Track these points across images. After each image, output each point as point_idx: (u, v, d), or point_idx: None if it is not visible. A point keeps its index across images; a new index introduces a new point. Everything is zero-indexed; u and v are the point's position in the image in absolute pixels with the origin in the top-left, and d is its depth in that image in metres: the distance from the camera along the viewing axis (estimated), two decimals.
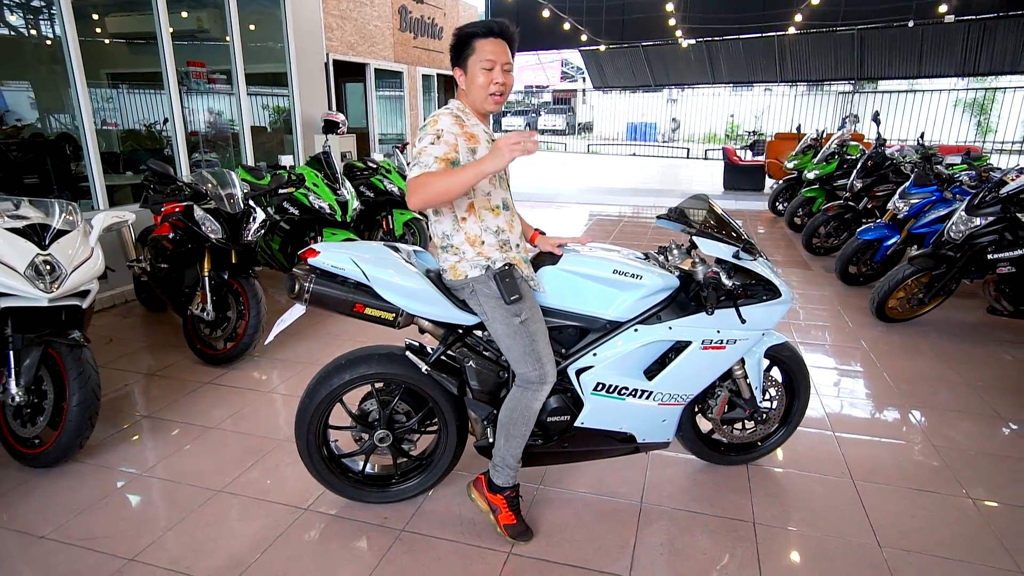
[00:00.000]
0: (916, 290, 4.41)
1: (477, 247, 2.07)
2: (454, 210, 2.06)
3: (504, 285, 2.02)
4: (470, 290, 2.09)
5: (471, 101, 2.06)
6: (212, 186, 3.74)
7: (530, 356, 2.06)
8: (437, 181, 1.85)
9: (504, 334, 2.06)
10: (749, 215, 9.33)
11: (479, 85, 2.00)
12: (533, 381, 2.08)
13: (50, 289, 2.52)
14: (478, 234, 2.07)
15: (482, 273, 2.06)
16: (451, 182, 1.85)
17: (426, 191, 1.86)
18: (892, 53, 16.11)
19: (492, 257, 2.07)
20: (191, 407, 3.23)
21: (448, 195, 1.88)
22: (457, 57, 2.04)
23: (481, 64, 1.99)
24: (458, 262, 2.08)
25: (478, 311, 2.11)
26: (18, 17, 6.41)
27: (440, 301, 2.10)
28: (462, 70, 2.03)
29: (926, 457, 2.83)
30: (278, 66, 6.99)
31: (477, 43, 2.00)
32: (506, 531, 2.22)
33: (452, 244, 2.09)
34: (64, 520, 2.32)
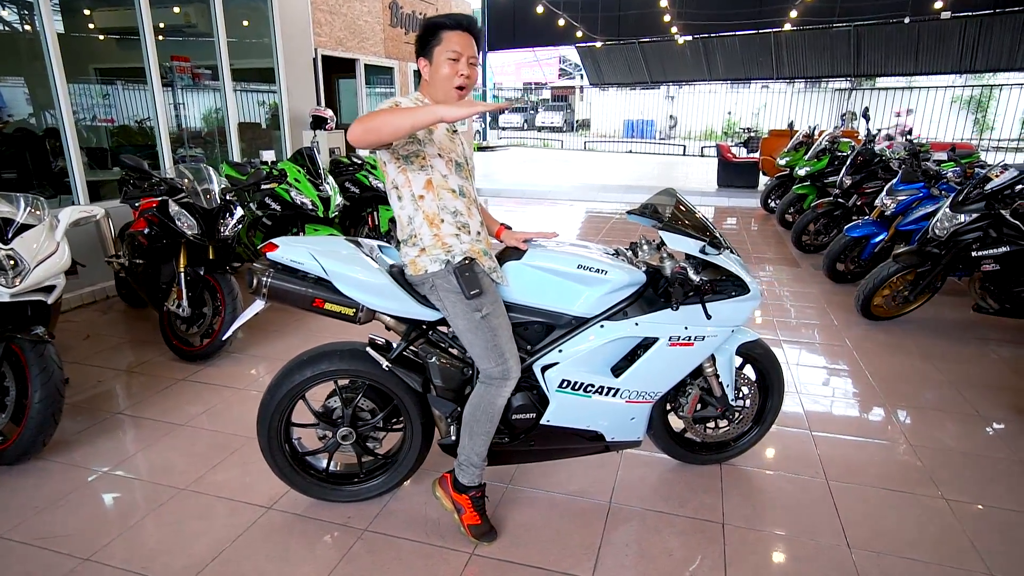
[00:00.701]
0: (902, 288, 4.37)
1: (435, 228, 2.02)
2: (411, 186, 2.01)
3: (464, 279, 1.98)
4: (430, 285, 2.05)
5: (433, 92, 2.03)
6: (188, 181, 3.70)
7: (492, 352, 2.02)
8: (385, 115, 1.76)
9: (466, 329, 2.03)
10: (741, 212, 9.30)
11: (444, 75, 1.97)
12: (496, 377, 2.04)
13: (12, 284, 2.49)
14: (436, 212, 2.02)
15: (442, 268, 2.02)
16: (401, 117, 1.74)
17: (371, 121, 1.76)
18: (889, 50, 16.06)
19: (450, 244, 2.02)
20: (163, 404, 3.19)
21: (395, 129, 1.76)
22: (423, 47, 2.01)
23: (447, 55, 1.96)
24: (418, 256, 2.04)
25: (439, 306, 2.08)
26: (11, 13, 6.38)
27: (400, 296, 2.06)
28: (427, 60, 2.00)
29: (903, 457, 2.79)
30: (265, 61, 6.94)
31: (444, 34, 1.97)
32: (470, 531, 2.18)
33: (414, 231, 2.04)
34: (23, 519, 2.29)
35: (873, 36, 15.96)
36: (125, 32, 5.61)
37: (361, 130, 1.78)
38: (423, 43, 2.00)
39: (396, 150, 1.98)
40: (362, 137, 1.80)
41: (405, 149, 1.99)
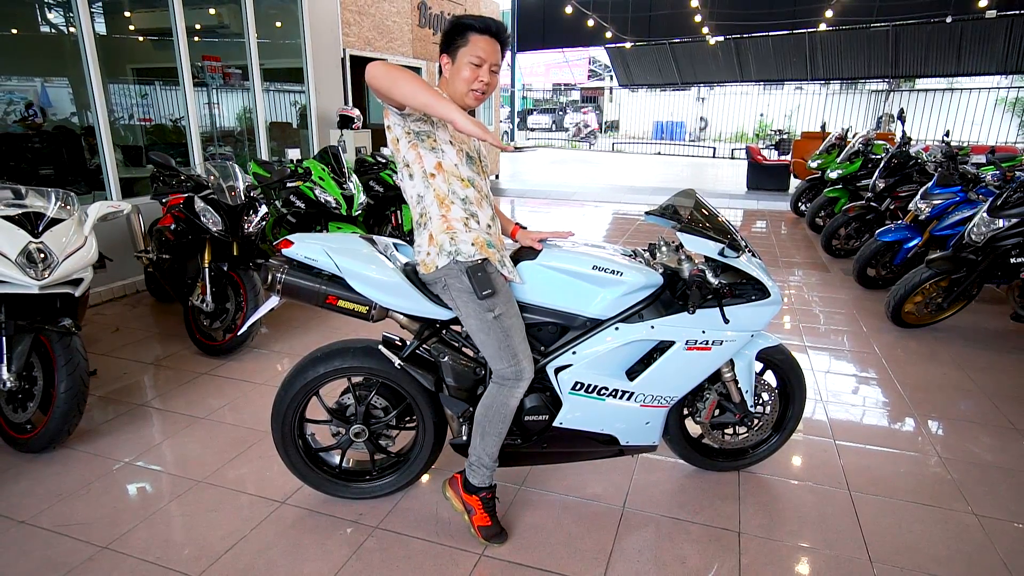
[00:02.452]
0: (935, 294, 4.23)
1: (444, 208, 1.98)
2: (422, 163, 1.98)
3: (476, 279, 1.96)
4: (442, 284, 2.04)
5: (450, 91, 2.01)
6: (215, 178, 3.76)
7: (505, 352, 2.01)
8: (411, 78, 1.76)
9: (478, 329, 2.01)
10: (771, 215, 9.12)
11: (464, 78, 1.95)
12: (509, 377, 2.03)
13: (41, 276, 2.55)
14: (446, 194, 1.99)
15: (450, 261, 1.98)
16: (422, 91, 1.75)
17: (395, 72, 1.76)
18: (929, 50, 15.58)
19: (456, 230, 1.98)
20: (186, 396, 3.25)
21: (409, 96, 1.76)
22: (448, 44, 1.99)
23: (470, 58, 1.94)
24: (427, 253, 2.03)
25: (452, 306, 2.07)
26: (57, 15, 6.61)
27: (413, 295, 2.06)
28: (450, 59, 1.99)
29: (933, 470, 2.69)
30: (295, 61, 7.04)
31: (472, 36, 1.94)
32: (480, 533, 2.17)
33: (424, 209, 2.02)
34: (46, 505, 2.35)
35: (912, 36, 15.50)
36: (162, 33, 5.75)
37: (383, 72, 1.77)
38: (448, 41, 1.98)
39: (408, 123, 1.95)
40: (378, 79, 1.78)
41: (417, 125, 1.96)
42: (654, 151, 21.51)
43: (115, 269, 4.54)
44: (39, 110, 6.03)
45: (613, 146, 22.99)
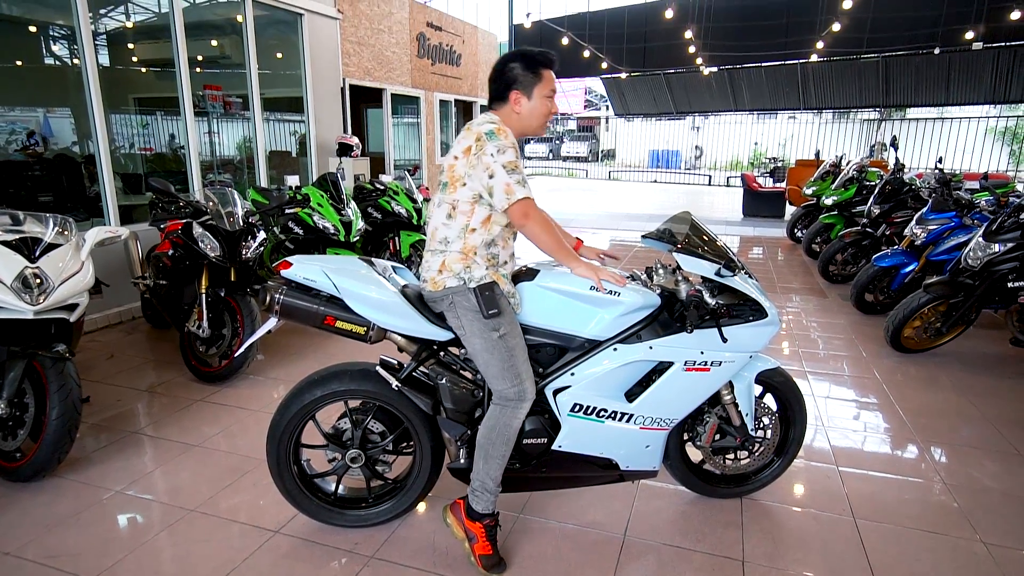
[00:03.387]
0: (933, 319, 4.22)
1: (468, 260, 2.03)
2: (469, 218, 2.03)
3: (484, 299, 1.98)
4: (448, 302, 2.05)
5: (521, 123, 2.11)
6: (213, 204, 3.77)
7: (508, 372, 2.00)
8: (553, 237, 2.05)
9: (482, 349, 2.01)
10: (767, 242, 9.16)
11: (541, 112, 2.11)
12: (512, 399, 2.01)
13: (36, 301, 2.53)
14: (475, 247, 2.04)
15: (461, 284, 2.02)
16: (555, 246, 2.07)
17: (543, 231, 2.03)
18: (919, 80, 15.85)
19: (471, 269, 2.03)
20: (179, 424, 3.21)
21: (543, 247, 2.06)
22: (518, 82, 2.08)
23: (547, 92, 2.09)
24: (438, 273, 2.05)
25: (455, 325, 2.06)
26: (61, 48, 6.72)
27: (412, 315, 2.05)
28: (525, 96, 2.09)
29: (937, 496, 2.65)
30: (295, 91, 7.14)
31: (544, 73, 2.09)
32: (480, 562, 2.12)
33: (446, 249, 2.06)
34: (34, 536, 2.29)
35: (902, 66, 15.79)
36: (164, 64, 5.84)
37: (530, 234, 2.04)
38: (518, 79, 2.07)
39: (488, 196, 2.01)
40: (527, 235, 2.05)
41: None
42: (650, 179, 21.71)
43: (112, 296, 4.52)
44: (41, 139, 6.09)
45: (609, 174, 23.21)
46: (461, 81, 11.23)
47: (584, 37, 15.08)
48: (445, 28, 10.40)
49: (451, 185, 2.03)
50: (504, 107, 2.10)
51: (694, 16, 13.44)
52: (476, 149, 1.96)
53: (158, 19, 6.46)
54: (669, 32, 14.35)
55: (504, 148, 1.95)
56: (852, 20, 12.47)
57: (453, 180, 2.02)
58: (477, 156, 1.96)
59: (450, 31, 10.59)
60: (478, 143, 1.97)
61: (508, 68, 2.07)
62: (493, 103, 2.14)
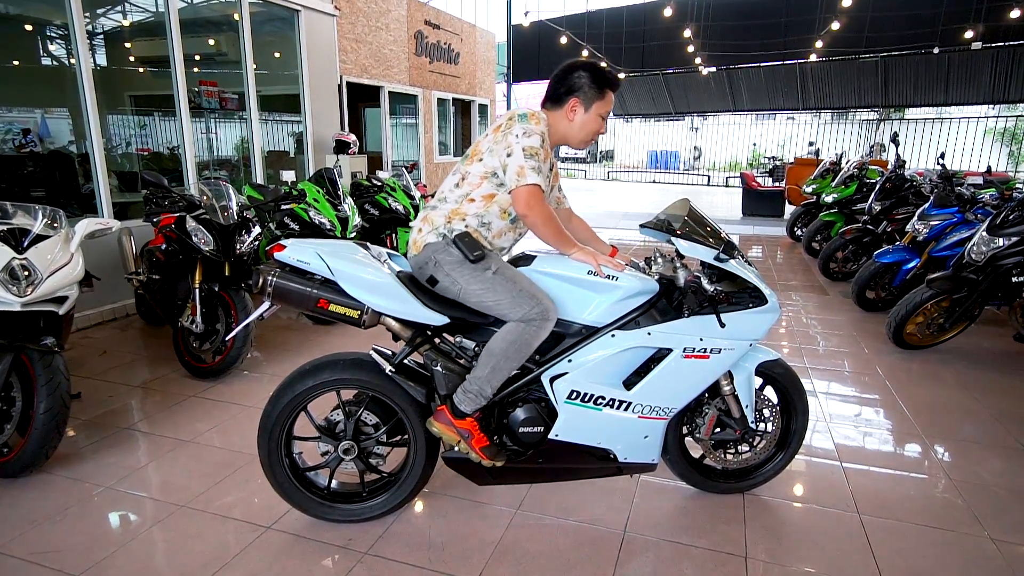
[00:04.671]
0: (936, 315, 4.18)
1: (452, 219, 2.07)
2: (477, 188, 2.06)
3: (464, 244, 1.98)
4: (433, 263, 2.04)
5: (567, 130, 2.15)
6: (207, 198, 3.72)
7: (521, 297, 1.97)
8: (553, 227, 2.05)
9: (484, 291, 1.99)
10: (767, 240, 9.12)
11: (591, 129, 2.17)
12: (535, 318, 1.98)
13: (24, 293, 2.49)
14: (466, 213, 2.07)
15: (439, 240, 2.03)
16: (555, 235, 2.07)
17: (544, 223, 2.02)
18: (917, 80, 15.85)
19: (451, 223, 2.07)
20: (172, 420, 3.15)
21: (543, 237, 2.08)
22: (581, 91, 2.11)
23: (603, 112, 2.15)
24: (418, 233, 2.09)
25: (448, 285, 2.04)
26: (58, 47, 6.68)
27: (407, 298, 2.03)
28: (583, 107, 2.13)
29: (943, 492, 2.60)
30: (291, 88, 7.10)
31: (608, 94, 2.14)
32: (483, 454, 2.08)
33: (437, 206, 2.12)
34: (20, 532, 2.24)
35: (901, 67, 15.79)
36: (160, 62, 5.79)
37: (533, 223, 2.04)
38: (585, 91, 2.10)
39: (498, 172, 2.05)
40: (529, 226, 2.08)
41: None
42: (649, 179, 21.69)
43: (105, 292, 4.47)
44: (38, 139, 6.05)
45: (608, 175, 23.18)
46: (459, 80, 11.19)
47: (582, 37, 15.08)
48: (443, 26, 10.37)
49: (470, 157, 2.09)
50: (557, 110, 2.14)
51: (693, 15, 13.45)
52: (505, 127, 2.01)
53: (154, 17, 6.42)
54: (668, 31, 14.36)
55: (531, 132, 1.99)
56: (851, 19, 12.48)
57: (474, 153, 2.08)
58: (504, 134, 2.00)
59: (448, 29, 10.56)
60: (509, 122, 2.02)
61: (576, 75, 2.11)
62: (547, 103, 2.17)
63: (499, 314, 2.02)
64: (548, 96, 2.17)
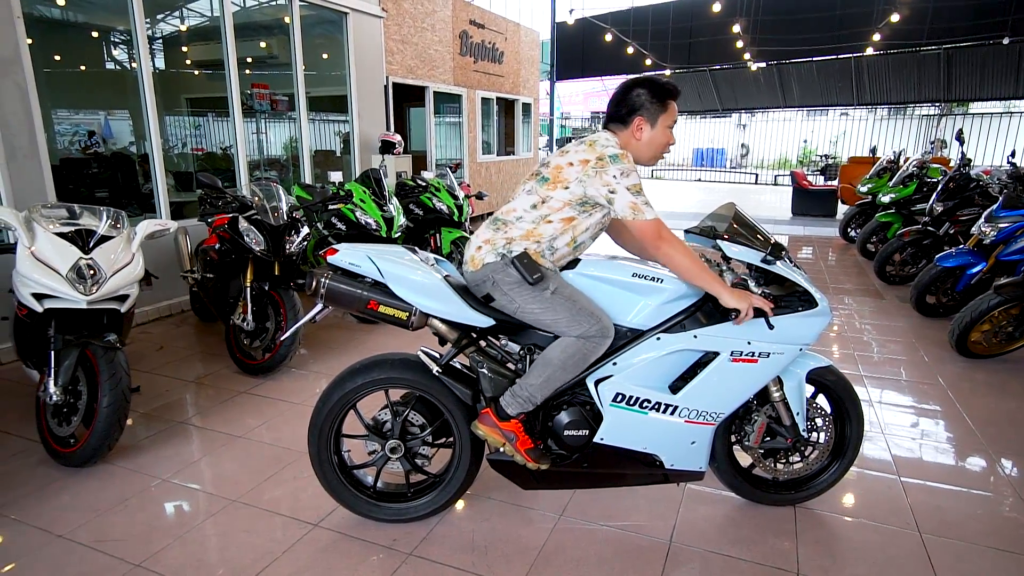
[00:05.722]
0: (1004, 323, 3.96)
1: (517, 241, 2.06)
2: (553, 213, 2.06)
3: (524, 266, 1.98)
4: (491, 282, 2.04)
5: (638, 149, 2.13)
6: (259, 199, 3.82)
7: (581, 315, 1.98)
8: (692, 259, 1.99)
9: (543, 312, 2.00)
10: (818, 241, 8.83)
11: (660, 143, 2.14)
12: (594, 335, 1.99)
13: (89, 292, 2.60)
14: (542, 234, 2.06)
15: (498, 260, 2.03)
16: (692, 269, 1.99)
17: (681, 253, 1.99)
18: (984, 72, 15.03)
19: (511, 245, 2.06)
20: (224, 415, 3.25)
21: (679, 271, 2.03)
22: (643, 108, 2.10)
23: (668, 123, 2.12)
24: (477, 251, 2.08)
25: (504, 303, 2.05)
26: (121, 52, 7.00)
27: (454, 300, 2.05)
28: (649, 124, 2.10)
29: (1012, 512, 2.46)
30: (339, 89, 7.22)
31: (671, 104, 2.11)
32: (528, 456, 2.08)
33: (508, 222, 2.09)
34: (84, 521, 2.34)
35: (967, 58, 15.00)
36: (214, 65, 6.00)
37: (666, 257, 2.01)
38: (648, 107, 2.09)
39: (588, 200, 2.05)
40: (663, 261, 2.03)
41: (593, 205, 2.07)
42: (694, 178, 21.27)
43: (161, 289, 4.64)
44: (101, 140, 6.34)
45: (652, 173, 22.84)
46: (503, 79, 11.20)
47: (628, 33, 14.88)
48: (488, 26, 10.39)
49: (552, 182, 2.06)
50: (624, 131, 2.12)
51: (742, 9, 13.09)
52: (596, 166, 1.99)
53: (209, 22, 6.64)
54: (716, 26, 14.02)
55: (628, 172, 1.99)
56: (912, 10, 11.92)
57: (557, 180, 2.05)
58: (596, 172, 1.99)
59: (492, 29, 10.58)
60: (599, 162, 2.00)
61: (635, 93, 2.09)
62: (611, 123, 2.15)
63: (557, 331, 2.03)
64: (611, 117, 2.15)
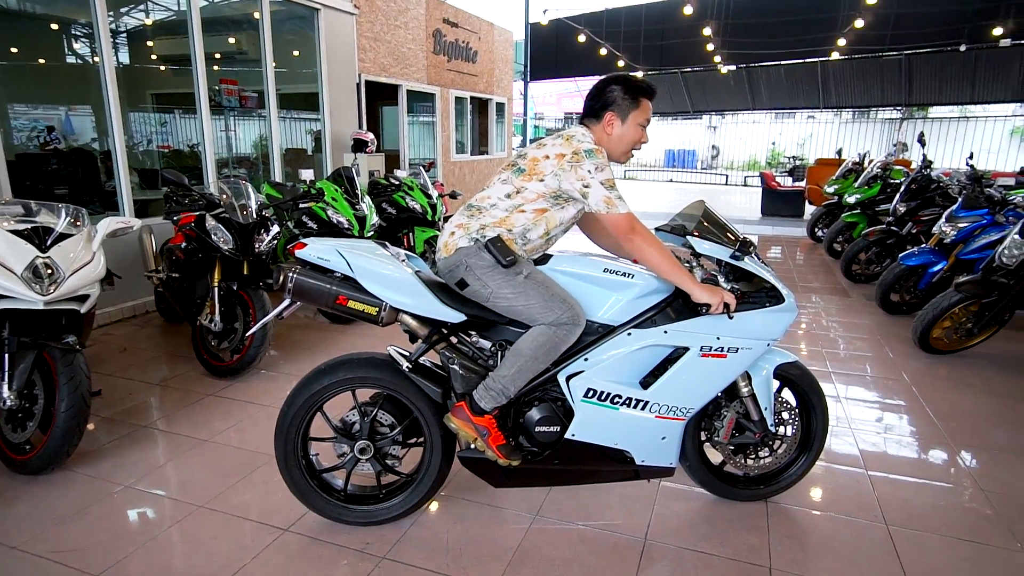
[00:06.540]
0: (964, 319, 4.07)
1: (490, 226, 2.06)
2: (529, 202, 2.06)
3: (497, 249, 1.98)
4: (464, 267, 2.03)
5: (606, 143, 2.14)
6: (227, 197, 3.73)
7: (553, 301, 1.99)
8: (664, 253, 2.01)
9: (515, 296, 1.99)
10: (787, 241, 9.00)
11: (631, 139, 2.14)
12: (567, 322, 1.99)
13: (47, 292, 2.50)
14: (514, 223, 2.06)
15: (471, 244, 2.03)
16: (664, 263, 2.00)
17: (651, 245, 2.00)
18: (943, 78, 15.53)
19: (485, 230, 2.05)
20: (190, 419, 3.16)
21: (650, 265, 2.03)
22: (615, 104, 2.10)
23: (641, 121, 2.12)
24: (450, 236, 2.07)
25: (478, 288, 2.03)
26: (83, 46, 6.76)
27: (425, 295, 2.02)
28: (620, 119, 2.11)
29: (974, 503, 2.53)
30: (311, 87, 7.11)
31: (643, 101, 2.11)
32: (500, 452, 2.07)
33: (481, 209, 2.09)
34: (41, 530, 2.25)
35: (926, 64, 15.48)
36: (181, 61, 5.84)
37: (637, 250, 2.01)
38: (620, 103, 2.10)
39: (563, 194, 2.06)
40: (635, 254, 2.03)
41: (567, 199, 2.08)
42: (666, 178, 21.54)
43: (125, 289, 4.51)
44: (61, 136, 6.12)
45: (625, 173, 23.05)
46: (477, 78, 11.17)
47: (601, 35, 14.98)
48: (461, 25, 10.35)
49: (528, 174, 2.06)
50: (596, 125, 2.13)
51: (712, 13, 13.28)
52: (572, 160, 2.01)
53: (176, 16, 6.48)
54: (687, 29, 14.20)
55: (602, 167, 2.02)
56: (875, 16, 12.24)
57: (532, 171, 2.06)
58: (571, 166, 2.00)
59: (466, 28, 10.54)
60: (575, 156, 2.01)
61: (609, 89, 2.11)
62: (586, 119, 2.17)
63: (529, 319, 2.02)
64: (586, 112, 2.17)
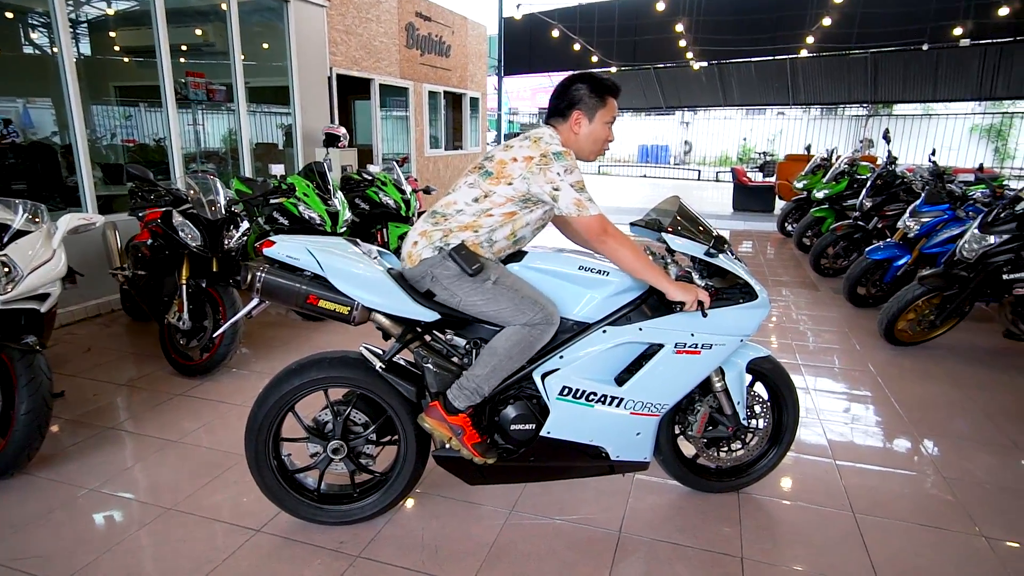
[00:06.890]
0: (927, 312, 4.19)
1: (455, 232, 2.02)
2: (498, 206, 2.02)
3: (461, 257, 1.95)
4: (430, 278, 2.00)
5: (578, 144, 2.12)
6: (194, 192, 3.65)
7: (524, 303, 1.97)
8: (636, 253, 2.01)
9: (485, 302, 1.97)
10: (758, 236, 9.14)
11: (599, 138, 2.13)
12: (540, 323, 1.98)
13: (3, 291, 2.42)
14: (481, 226, 2.02)
15: (435, 254, 1.99)
16: (637, 263, 2.00)
17: (624, 246, 1.99)
18: (907, 77, 15.92)
19: (449, 238, 2.02)
20: (159, 419, 3.09)
21: (624, 266, 2.03)
22: (582, 103, 2.08)
23: (608, 119, 2.12)
24: (413, 246, 2.04)
25: (446, 298, 2.01)
26: (41, 36, 6.51)
27: (398, 294, 1.99)
28: (587, 118, 2.10)
29: (936, 490, 2.61)
30: (281, 80, 6.99)
31: (609, 100, 2.10)
32: (475, 451, 2.06)
33: (447, 216, 2.05)
34: (0, 537, 2.18)
35: (890, 62, 15.84)
36: (145, 52, 5.68)
37: (611, 252, 2.01)
38: (586, 102, 2.08)
39: (532, 197, 2.03)
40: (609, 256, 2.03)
41: (535, 202, 2.04)
42: (639, 174, 21.70)
43: (89, 287, 4.38)
44: (20, 130, 5.90)
45: (599, 169, 23.17)
46: (450, 73, 11.10)
47: (574, 30, 15.00)
48: (434, 18, 10.26)
49: (496, 177, 2.02)
50: (563, 124, 2.11)
51: (684, 9, 13.40)
52: (540, 163, 1.98)
53: (139, 6, 6.28)
54: (659, 26, 14.29)
55: (571, 169, 1.99)
56: (841, 15, 12.48)
57: (500, 175, 2.02)
58: (540, 169, 1.97)
59: (439, 21, 10.46)
60: (543, 159, 1.98)
61: (574, 88, 2.09)
62: (551, 118, 2.14)
63: (502, 322, 2.00)
64: (552, 111, 2.15)
